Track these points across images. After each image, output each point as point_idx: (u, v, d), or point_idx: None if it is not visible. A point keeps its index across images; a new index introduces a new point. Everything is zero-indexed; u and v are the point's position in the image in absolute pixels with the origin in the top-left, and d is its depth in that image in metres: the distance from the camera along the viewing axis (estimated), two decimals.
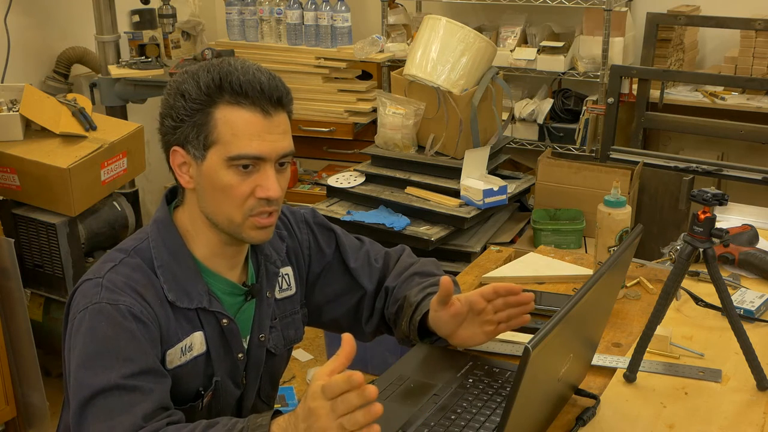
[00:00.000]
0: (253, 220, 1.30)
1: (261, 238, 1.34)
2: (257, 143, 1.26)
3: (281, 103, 1.30)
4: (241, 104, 1.26)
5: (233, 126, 1.26)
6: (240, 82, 1.26)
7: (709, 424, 1.30)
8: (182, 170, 1.32)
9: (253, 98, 1.26)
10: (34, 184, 2.77)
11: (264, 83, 1.27)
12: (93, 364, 1.21)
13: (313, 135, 3.88)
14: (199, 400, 1.36)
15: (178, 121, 1.29)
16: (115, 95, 3.44)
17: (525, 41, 3.84)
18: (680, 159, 3.29)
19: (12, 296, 2.58)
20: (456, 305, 1.38)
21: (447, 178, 3.09)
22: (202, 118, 1.27)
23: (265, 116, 1.27)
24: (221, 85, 1.26)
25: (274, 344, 1.47)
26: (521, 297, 1.38)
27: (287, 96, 1.31)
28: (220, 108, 1.27)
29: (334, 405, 1.02)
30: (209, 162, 1.28)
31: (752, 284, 1.78)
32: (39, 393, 2.68)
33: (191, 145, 1.29)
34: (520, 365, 0.97)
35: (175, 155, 1.32)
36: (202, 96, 1.27)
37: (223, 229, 1.32)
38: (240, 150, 1.26)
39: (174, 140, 1.31)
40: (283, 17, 3.89)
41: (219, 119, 1.27)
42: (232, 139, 1.26)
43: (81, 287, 1.29)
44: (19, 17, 3.39)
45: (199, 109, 1.27)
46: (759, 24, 3.35)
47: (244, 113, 1.26)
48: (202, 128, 1.27)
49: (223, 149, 1.27)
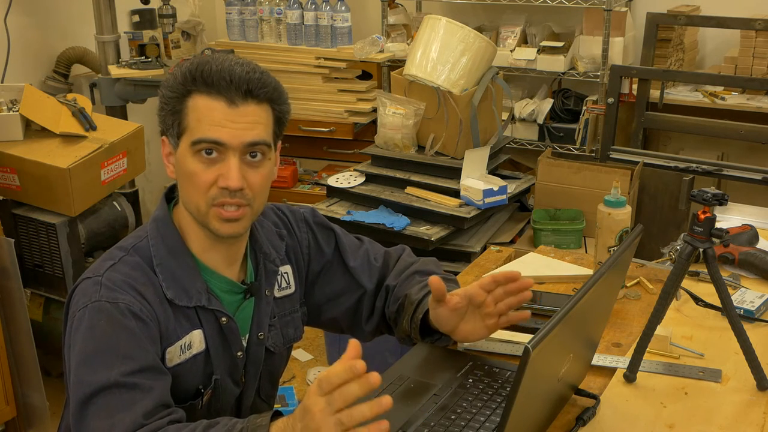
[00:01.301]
0: (216, 210, 1.30)
1: (227, 231, 1.32)
2: (217, 128, 1.28)
3: (252, 94, 1.29)
4: (210, 94, 1.29)
5: (198, 112, 1.29)
6: (211, 72, 1.28)
7: (709, 424, 1.30)
8: (169, 160, 1.36)
9: (219, 88, 1.28)
10: (34, 184, 2.77)
11: (235, 74, 1.28)
12: (93, 362, 1.21)
13: (313, 135, 3.88)
14: (198, 398, 1.36)
15: (162, 111, 1.33)
16: (115, 95, 3.44)
17: (525, 41, 3.84)
18: (680, 159, 3.29)
19: (12, 296, 2.58)
20: (455, 299, 1.36)
21: (447, 178, 3.09)
22: (176, 106, 1.31)
23: (230, 105, 1.28)
24: (194, 76, 1.29)
25: (273, 343, 1.47)
26: (520, 283, 1.37)
27: (261, 89, 1.30)
28: (192, 97, 1.30)
29: (330, 399, 1.00)
30: (180, 149, 1.31)
31: (752, 284, 1.78)
32: (39, 393, 2.68)
33: (169, 134, 1.33)
34: (520, 365, 0.97)
35: (163, 145, 1.36)
36: (178, 86, 1.30)
37: (195, 218, 1.34)
38: (200, 134, 1.28)
39: (161, 131, 1.35)
40: (283, 17, 3.89)
41: (190, 107, 1.30)
42: (196, 125, 1.29)
43: (80, 285, 1.30)
44: (19, 17, 3.39)
45: (175, 98, 1.31)
46: (759, 24, 3.35)
47: (210, 102, 1.29)
48: (176, 116, 1.31)
49: (189, 135, 1.30)
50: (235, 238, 1.36)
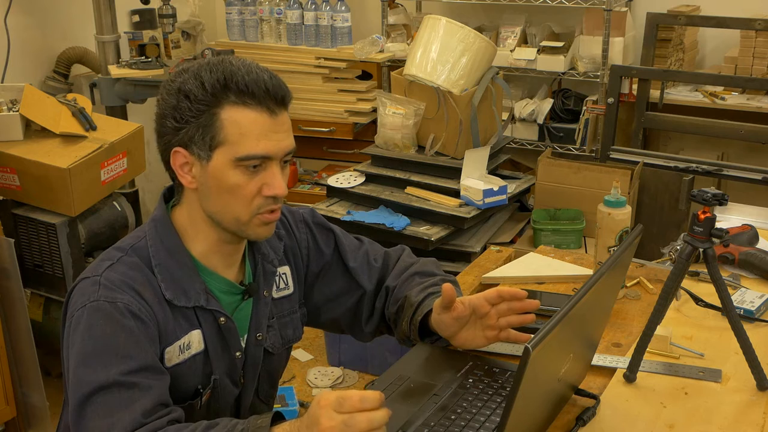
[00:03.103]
0: (260, 218, 1.31)
1: (265, 234, 1.35)
2: (264, 143, 1.27)
3: (284, 102, 1.30)
4: (247, 104, 1.26)
5: (241, 126, 1.26)
6: (246, 82, 1.26)
7: (709, 424, 1.30)
8: (184, 170, 1.31)
9: (259, 98, 1.26)
10: (34, 184, 2.77)
11: (268, 82, 1.28)
12: (91, 362, 1.21)
13: (313, 135, 3.88)
14: (198, 398, 1.36)
15: (182, 122, 1.27)
16: (115, 95, 3.44)
17: (525, 41, 3.84)
18: (680, 159, 3.29)
19: (12, 296, 2.58)
20: (459, 308, 1.38)
21: (447, 178, 3.09)
22: (207, 119, 1.26)
23: (271, 115, 1.28)
24: (226, 84, 1.26)
25: (272, 343, 1.47)
26: (526, 304, 1.39)
27: (289, 95, 1.32)
28: (225, 108, 1.26)
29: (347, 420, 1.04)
30: (215, 162, 1.28)
31: (752, 284, 1.78)
32: (39, 393, 2.68)
33: (196, 145, 1.28)
34: (520, 365, 0.97)
35: (176, 156, 1.30)
36: (207, 96, 1.26)
37: (228, 227, 1.33)
38: (248, 150, 1.26)
39: (176, 141, 1.29)
40: (283, 17, 3.89)
41: (225, 120, 1.26)
42: (240, 140, 1.26)
43: (79, 285, 1.30)
44: (19, 17, 3.39)
45: (205, 110, 1.26)
46: (759, 24, 3.35)
47: (250, 113, 1.26)
48: (207, 129, 1.27)
49: (230, 149, 1.27)
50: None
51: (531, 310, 1.40)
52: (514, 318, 1.40)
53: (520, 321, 1.40)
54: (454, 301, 1.38)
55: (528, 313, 1.41)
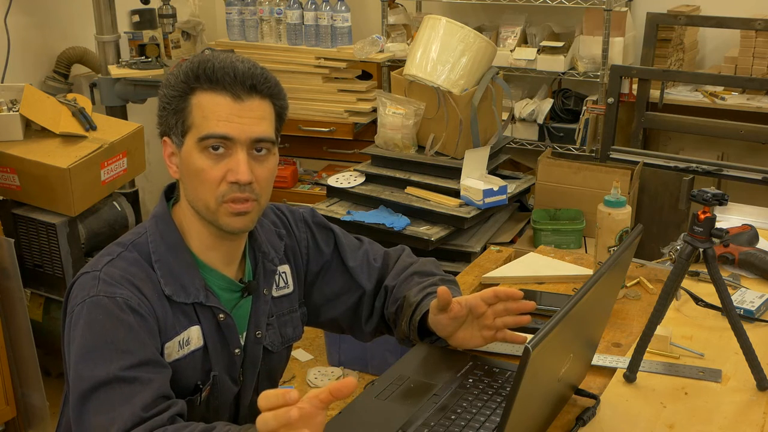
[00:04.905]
0: (227, 206, 1.31)
1: (238, 225, 1.33)
2: (225, 124, 1.28)
3: (256, 90, 1.30)
4: (215, 90, 1.29)
5: (204, 109, 1.29)
6: (214, 69, 1.29)
7: (709, 424, 1.30)
8: (171, 161, 1.36)
9: (224, 84, 1.29)
10: (34, 184, 2.77)
11: (238, 70, 1.29)
12: (92, 357, 1.21)
13: (313, 135, 3.88)
14: (197, 394, 1.36)
15: (163, 111, 1.33)
16: (115, 95, 3.44)
17: (525, 41, 3.84)
18: (680, 159, 3.29)
19: (12, 296, 2.58)
20: (456, 308, 1.38)
21: (447, 178, 3.09)
22: (180, 105, 1.31)
23: (236, 100, 1.29)
24: (197, 73, 1.29)
25: (271, 342, 1.48)
26: (522, 304, 1.39)
27: (264, 84, 1.31)
28: (196, 95, 1.30)
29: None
30: (186, 147, 1.31)
31: (752, 284, 1.78)
32: (39, 393, 2.68)
33: (173, 132, 1.33)
34: (520, 365, 0.97)
35: (165, 146, 1.35)
36: (180, 84, 1.30)
37: (204, 216, 1.34)
38: (208, 130, 1.28)
39: (163, 131, 1.35)
40: (283, 17, 3.89)
41: (194, 105, 1.30)
42: (202, 122, 1.29)
43: (78, 280, 1.30)
44: (19, 17, 3.39)
45: (178, 96, 1.31)
46: (759, 24, 3.35)
47: (216, 97, 1.29)
48: (180, 115, 1.31)
49: (195, 132, 1.30)
50: (243, 233, 1.38)
51: (527, 311, 1.40)
52: (509, 319, 1.40)
53: (515, 322, 1.40)
54: (450, 303, 1.38)
55: (525, 314, 1.41)
